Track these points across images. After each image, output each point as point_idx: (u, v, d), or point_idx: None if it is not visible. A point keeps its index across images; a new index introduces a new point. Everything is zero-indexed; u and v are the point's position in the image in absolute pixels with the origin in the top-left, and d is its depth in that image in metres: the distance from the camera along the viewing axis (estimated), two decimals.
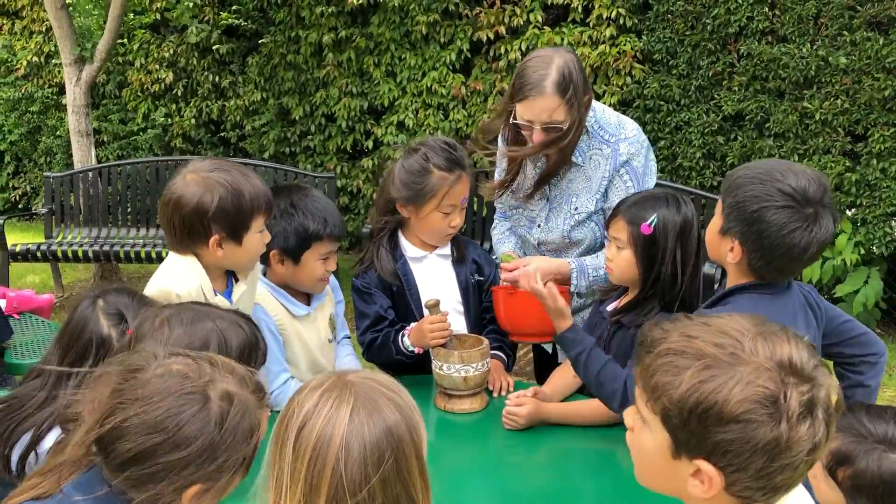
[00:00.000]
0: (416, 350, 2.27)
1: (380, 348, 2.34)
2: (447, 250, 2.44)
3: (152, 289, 1.91)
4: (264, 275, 2.27)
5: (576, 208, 2.41)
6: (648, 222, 2.03)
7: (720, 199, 1.76)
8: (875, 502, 1.34)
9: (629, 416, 1.19)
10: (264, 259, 2.18)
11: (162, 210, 1.94)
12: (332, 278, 2.38)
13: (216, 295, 1.96)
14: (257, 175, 1.99)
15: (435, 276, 2.42)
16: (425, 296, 2.37)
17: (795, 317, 1.77)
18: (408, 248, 2.42)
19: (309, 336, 2.27)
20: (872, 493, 1.34)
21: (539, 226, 2.50)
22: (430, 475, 1.60)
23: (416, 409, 1.14)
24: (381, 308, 2.37)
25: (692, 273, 2.10)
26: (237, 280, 2.07)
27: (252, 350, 1.56)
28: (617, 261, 2.11)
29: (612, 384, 1.92)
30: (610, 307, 2.21)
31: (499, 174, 2.56)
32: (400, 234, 2.45)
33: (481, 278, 2.46)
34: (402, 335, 2.30)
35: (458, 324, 2.41)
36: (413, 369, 2.38)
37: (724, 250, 1.75)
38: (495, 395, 2.29)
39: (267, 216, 1.99)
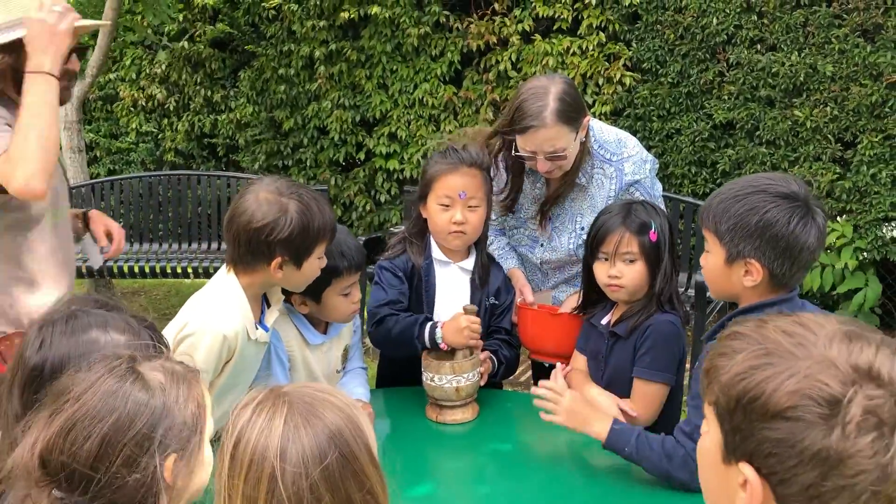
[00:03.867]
0: (443, 345, 2.21)
1: (399, 327, 2.26)
2: (470, 265, 2.39)
3: (199, 324, 1.88)
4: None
5: (582, 227, 2.42)
6: (653, 229, 2.06)
7: (709, 233, 1.75)
8: None
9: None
10: (286, 295, 2.14)
11: (229, 224, 1.92)
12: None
13: (256, 329, 1.97)
14: (326, 201, 1.99)
15: (452, 287, 2.40)
16: (440, 301, 2.35)
17: None
18: (435, 250, 2.39)
19: (318, 366, 2.22)
20: None
21: (542, 245, 2.51)
22: (426, 485, 1.59)
23: (356, 406, 1.12)
24: (401, 292, 2.34)
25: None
26: (268, 305, 2.06)
27: None
28: (629, 275, 2.09)
29: (682, 467, 1.77)
30: (604, 321, 2.21)
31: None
32: (430, 237, 2.41)
33: (496, 302, 2.42)
34: (436, 326, 2.23)
35: None
36: (404, 380, 2.38)
37: (736, 278, 1.71)
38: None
39: (329, 243, 1.98)
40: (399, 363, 2.43)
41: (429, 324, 2.24)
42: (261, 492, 1.03)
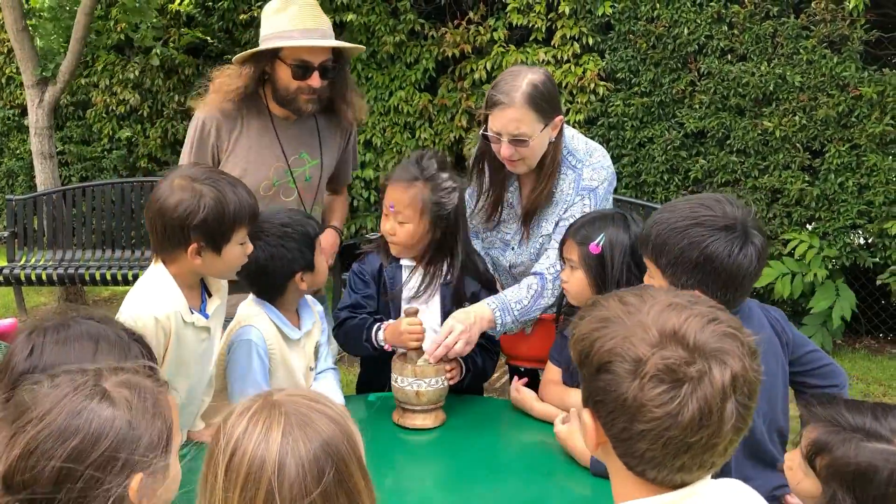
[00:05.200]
0: (386, 346, 2.26)
1: (353, 329, 2.34)
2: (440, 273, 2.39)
3: (131, 311, 1.88)
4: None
5: (544, 233, 2.44)
6: (596, 242, 2.08)
7: (649, 262, 1.77)
8: (849, 489, 1.37)
9: None
10: (282, 288, 2.15)
11: (146, 212, 1.94)
12: (319, 306, 2.36)
13: (192, 314, 1.95)
14: (245, 186, 1.98)
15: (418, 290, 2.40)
16: (407, 304, 2.35)
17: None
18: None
19: (296, 362, 2.21)
20: (847, 480, 1.37)
21: (513, 248, 2.52)
22: (395, 492, 1.58)
23: (348, 416, 1.12)
24: (365, 297, 2.39)
25: None
26: (210, 294, 2.06)
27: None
28: (572, 281, 2.14)
29: None
30: None
31: (470, 196, 2.58)
32: None
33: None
34: (379, 328, 2.28)
35: None
36: (383, 385, 2.38)
37: None
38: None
39: (250, 228, 1.98)
40: (378, 367, 2.43)
41: (375, 325, 2.28)
42: None
